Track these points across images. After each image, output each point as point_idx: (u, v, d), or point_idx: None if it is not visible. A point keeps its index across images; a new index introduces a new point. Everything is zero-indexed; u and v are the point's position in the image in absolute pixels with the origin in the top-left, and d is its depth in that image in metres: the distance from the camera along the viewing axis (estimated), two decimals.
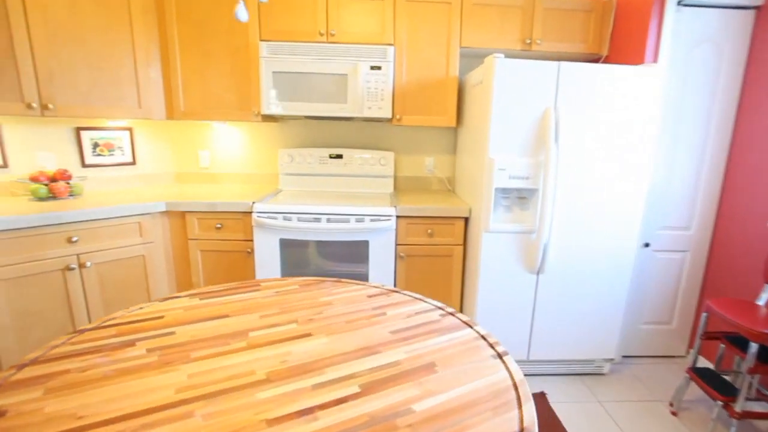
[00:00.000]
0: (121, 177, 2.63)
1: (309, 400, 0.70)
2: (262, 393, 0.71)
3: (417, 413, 0.67)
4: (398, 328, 0.97)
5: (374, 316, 1.01)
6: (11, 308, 1.89)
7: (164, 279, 2.33)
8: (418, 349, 0.88)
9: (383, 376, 0.78)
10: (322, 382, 0.75)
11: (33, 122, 2.33)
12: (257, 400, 0.69)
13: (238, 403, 0.68)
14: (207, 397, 0.68)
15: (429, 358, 0.84)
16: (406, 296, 1.15)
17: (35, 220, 1.87)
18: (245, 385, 0.73)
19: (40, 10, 2.01)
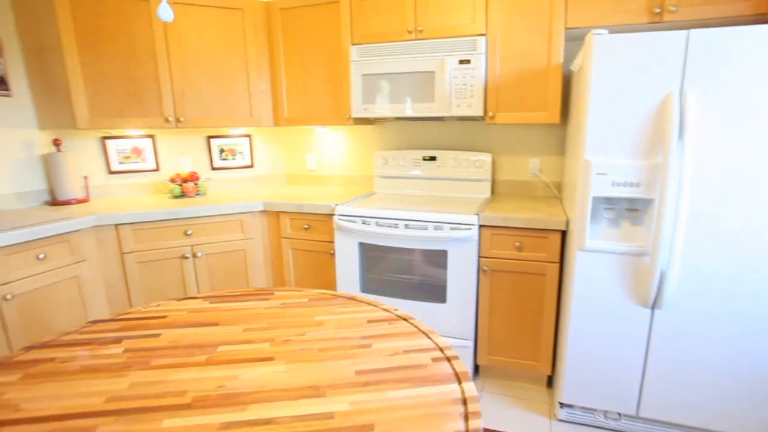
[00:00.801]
0: (240, 178, 2.98)
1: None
2: (170, 420, 0.67)
3: None
4: (370, 367, 0.83)
5: (355, 348, 0.89)
6: (143, 286, 2.30)
7: (262, 272, 2.56)
8: (370, 401, 0.73)
9: (302, 429, 0.66)
10: (234, 422, 0.68)
11: (176, 133, 2.80)
12: (160, 427, 0.66)
13: (140, 427, 0.66)
14: (122, 413, 0.68)
15: (372, 418, 0.69)
16: (410, 327, 0.99)
17: (161, 215, 2.24)
18: (166, 407, 0.70)
19: (176, 40, 2.39)
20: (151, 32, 2.35)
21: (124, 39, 2.31)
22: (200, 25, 2.44)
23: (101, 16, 2.26)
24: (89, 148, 2.62)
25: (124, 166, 2.71)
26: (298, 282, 2.52)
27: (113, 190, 2.69)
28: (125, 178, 2.72)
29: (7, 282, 1.82)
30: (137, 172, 2.74)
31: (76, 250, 2.08)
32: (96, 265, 2.19)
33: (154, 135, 2.75)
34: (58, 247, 2.01)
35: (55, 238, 1.99)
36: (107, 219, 2.15)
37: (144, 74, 2.37)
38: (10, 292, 1.83)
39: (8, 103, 2.33)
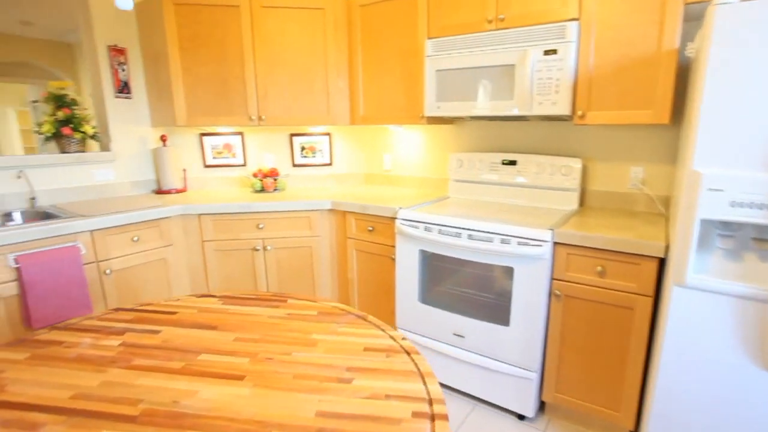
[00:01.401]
0: (319, 176, 3.04)
1: None
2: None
3: None
4: (335, 410, 0.71)
5: (333, 381, 0.78)
6: (219, 272, 2.47)
7: (327, 270, 2.57)
8: None
9: None
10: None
11: (262, 130, 2.96)
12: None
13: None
14: (74, 414, 0.68)
15: None
16: (409, 365, 0.84)
17: (235, 208, 2.37)
18: (114, 415, 0.68)
19: (262, 42, 2.50)
20: (239, 36, 2.49)
21: (217, 43, 2.49)
22: (284, 26, 2.52)
23: (198, 24, 2.46)
24: (189, 144, 2.90)
25: (217, 161, 2.95)
26: (360, 285, 2.48)
27: (207, 182, 2.95)
28: (217, 171, 2.96)
29: (107, 259, 2.08)
30: (227, 167, 2.96)
31: (165, 235, 2.31)
32: (181, 249, 2.40)
33: (243, 132, 2.94)
34: (149, 231, 2.24)
35: (148, 223, 2.22)
36: (191, 209, 2.35)
37: (232, 75, 2.53)
38: (109, 267, 2.09)
39: (129, 104, 2.68)
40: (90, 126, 2.51)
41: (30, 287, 1.80)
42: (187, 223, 2.40)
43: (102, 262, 2.07)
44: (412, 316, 2.21)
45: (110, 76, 2.58)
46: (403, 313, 2.24)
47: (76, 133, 2.44)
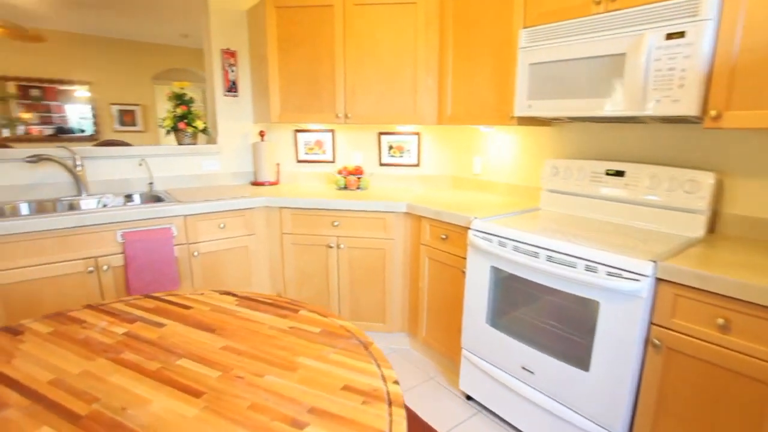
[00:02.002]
0: (405, 176, 2.94)
1: None
2: (49, 429, 0.63)
3: None
4: None
5: (286, 423, 0.66)
6: (294, 265, 2.54)
7: (399, 275, 2.46)
8: None
9: None
10: None
11: (351, 128, 2.97)
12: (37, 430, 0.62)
13: (29, 422, 0.64)
14: (41, 401, 0.68)
15: None
16: (381, 422, 0.68)
17: (312, 204, 2.41)
18: (67, 411, 0.67)
19: (353, 40, 2.50)
20: (332, 35, 2.51)
21: (310, 43, 2.56)
22: (374, 24, 2.47)
23: (295, 25, 2.55)
24: (285, 139, 3.05)
25: (308, 156, 3.05)
26: (430, 295, 2.32)
27: (298, 176, 3.07)
28: (308, 167, 3.06)
29: (196, 242, 2.28)
30: (317, 162, 3.04)
31: (248, 224, 2.45)
32: (262, 239, 2.53)
33: (334, 130, 2.98)
34: (235, 220, 2.40)
35: (234, 212, 2.38)
36: (273, 202, 2.45)
37: (323, 74, 2.58)
38: (197, 250, 2.29)
39: (235, 102, 2.92)
40: (201, 121, 2.79)
41: (130, 260, 2.05)
42: (270, 214, 2.51)
43: (191, 245, 2.27)
44: (478, 338, 1.98)
45: (221, 76, 2.83)
46: (469, 333, 2.02)
47: (189, 127, 2.73)
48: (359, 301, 2.53)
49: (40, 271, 1.89)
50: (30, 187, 2.29)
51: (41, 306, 1.91)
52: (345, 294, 2.53)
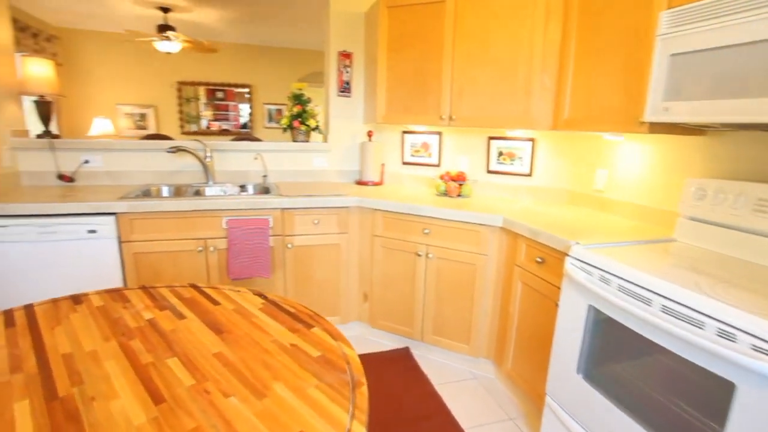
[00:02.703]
0: (514, 186, 2.64)
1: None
2: (20, 405, 0.66)
3: None
4: None
5: None
6: (382, 269, 2.49)
7: (489, 294, 2.22)
8: None
9: None
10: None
11: (460, 131, 2.78)
12: (10, 406, 0.66)
13: (8, 393, 0.68)
14: (41, 371, 0.73)
15: None
16: None
17: (404, 209, 2.32)
18: (51, 388, 0.70)
19: (462, 37, 2.33)
20: (441, 33, 2.38)
21: (419, 42, 2.46)
22: (487, 17, 2.25)
23: (405, 24, 2.48)
24: (392, 140, 3.02)
25: (413, 159, 2.97)
26: (520, 322, 2.03)
27: (402, 178, 3.01)
28: (412, 169, 2.98)
29: (291, 234, 2.41)
30: (422, 166, 2.94)
31: (342, 223, 2.49)
32: (354, 239, 2.54)
33: (442, 132, 2.83)
34: (329, 217, 2.46)
35: (329, 210, 2.44)
36: (367, 203, 2.43)
37: (429, 74, 2.46)
38: (291, 242, 2.41)
39: (348, 102, 3.00)
40: (314, 120, 2.93)
41: (231, 245, 2.25)
42: (363, 215, 2.50)
43: (286, 237, 2.40)
44: (565, 388, 1.65)
45: (336, 77, 2.93)
46: (556, 379, 1.69)
47: (303, 125, 2.89)
48: (443, 317, 2.36)
49: (164, 245, 2.20)
50: (172, 173, 2.71)
51: (161, 276, 2.23)
52: (429, 306, 2.38)
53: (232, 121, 7.18)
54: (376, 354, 2.48)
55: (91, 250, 2.08)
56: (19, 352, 0.85)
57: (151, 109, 6.32)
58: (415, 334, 2.47)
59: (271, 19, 5.03)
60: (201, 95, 6.75)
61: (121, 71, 6.01)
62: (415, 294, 2.42)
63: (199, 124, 6.80)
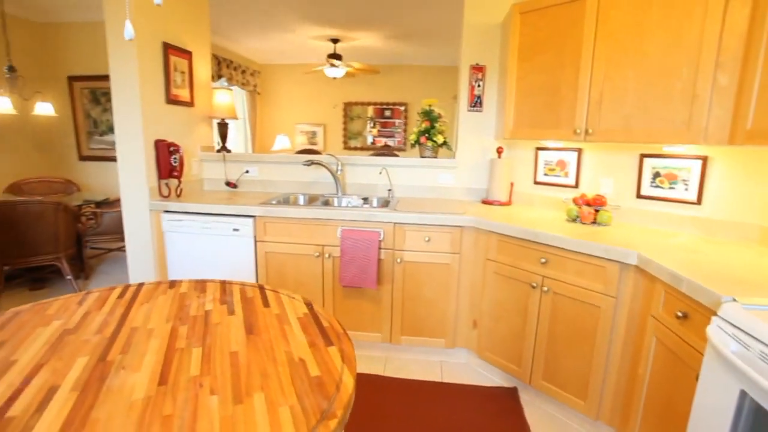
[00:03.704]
0: (672, 216, 2.11)
1: None
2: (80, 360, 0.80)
3: None
4: None
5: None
6: (494, 297, 2.29)
7: (614, 346, 1.82)
8: None
9: None
10: None
11: (604, 148, 2.37)
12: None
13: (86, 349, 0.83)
14: (112, 338, 0.88)
15: None
16: None
17: (519, 233, 2.10)
18: (105, 353, 0.83)
19: (605, 37, 2.00)
20: (580, 35, 2.09)
21: (553, 47, 2.21)
22: (637, 10, 1.88)
23: (539, 30, 2.26)
24: (524, 158, 2.77)
25: (547, 178, 2.66)
26: (651, 389, 1.59)
27: (533, 199, 2.72)
28: (545, 189, 2.67)
29: (401, 249, 2.42)
30: (556, 186, 2.61)
31: (455, 243, 2.39)
32: (466, 261, 2.41)
33: (582, 149, 2.47)
34: (442, 235, 2.39)
35: (442, 228, 2.37)
36: (482, 224, 2.28)
37: (564, 83, 2.18)
38: (401, 257, 2.43)
39: (478, 117, 2.89)
40: (441, 136, 2.90)
41: (342, 253, 2.39)
42: (479, 236, 2.35)
43: (396, 251, 2.42)
44: None
45: (467, 91, 2.85)
46: None
47: (429, 141, 2.89)
48: (556, 361, 2.02)
49: (288, 247, 2.47)
50: (309, 184, 3.03)
51: (284, 275, 2.51)
52: (541, 346, 2.08)
53: (397, 138, 7.63)
54: (479, 388, 2.28)
55: (234, 245, 2.48)
56: (110, 319, 1.07)
57: (321, 127, 7.24)
58: (523, 375, 2.18)
59: (421, 37, 5.22)
60: (369, 114, 7.37)
61: (298, 95, 7.12)
62: (525, 330, 2.14)
63: (362, 140, 7.43)
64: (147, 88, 2.51)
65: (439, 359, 2.57)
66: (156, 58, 2.57)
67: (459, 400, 2.16)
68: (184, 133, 2.87)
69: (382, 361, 2.54)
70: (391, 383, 2.30)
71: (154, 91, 2.57)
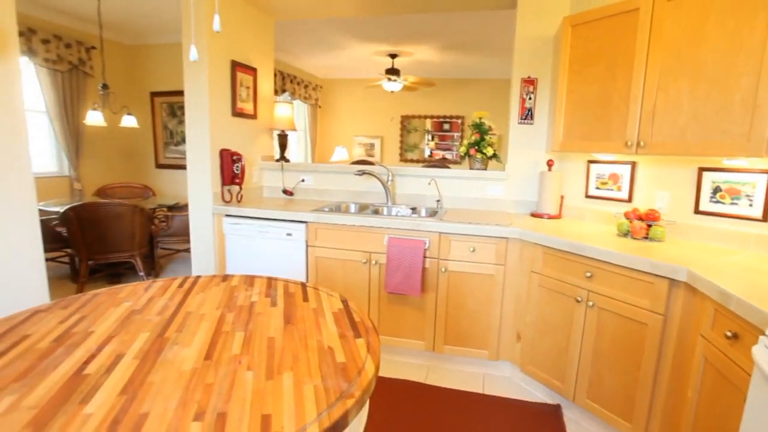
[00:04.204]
0: (735, 234, 1.98)
1: None
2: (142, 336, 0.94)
3: None
4: None
5: (199, 408, 0.69)
6: (538, 310, 2.27)
7: (661, 364, 1.74)
8: None
9: None
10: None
11: (659, 161, 2.28)
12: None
13: (148, 326, 0.98)
14: (171, 319, 1.00)
15: None
16: None
17: (564, 245, 2.07)
18: (163, 330, 0.96)
19: (659, 45, 1.95)
20: (632, 45, 2.04)
21: (604, 59, 2.17)
22: (693, 19, 1.82)
23: (590, 41, 2.24)
24: (575, 170, 2.71)
25: (599, 192, 2.58)
26: (699, 414, 1.51)
27: (584, 213, 2.65)
28: (596, 204, 2.59)
29: (446, 258, 2.47)
30: (609, 200, 2.52)
31: (500, 254, 2.39)
32: (511, 272, 2.40)
33: (636, 162, 2.38)
34: (487, 246, 2.40)
35: (487, 239, 2.39)
36: (527, 236, 2.27)
37: (615, 94, 2.14)
38: (446, 267, 2.47)
39: (529, 130, 2.87)
40: (491, 149, 2.92)
41: (388, 260, 2.47)
42: (524, 248, 2.34)
43: (441, 260, 2.46)
44: None
45: (518, 104, 2.85)
46: None
47: (478, 153, 2.92)
48: (602, 380, 1.96)
49: (337, 253, 2.60)
50: (361, 193, 3.16)
51: (332, 279, 2.63)
52: (585, 363, 2.02)
53: (454, 151, 7.62)
54: (521, 403, 2.24)
55: (287, 248, 2.65)
56: (170, 303, 1.23)
57: (378, 139, 7.44)
58: (567, 392, 2.12)
59: (476, 48, 5.24)
60: (427, 126, 7.44)
61: (357, 108, 7.39)
62: (570, 345, 2.09)
63: (419, 152, 7.50)
64: (215, 102, 2.78)
65: (483, 371, 2.56)
66: (224, 74, 2.85)
67: (500, 414, 2.14)
68: (246, 143, 3.13)
69: (425, 369, 2.58)
70: (432, 392, 2.33)
71: (221, 105, 2.84)
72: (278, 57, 5.60)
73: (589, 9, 2.24)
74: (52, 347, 0.95)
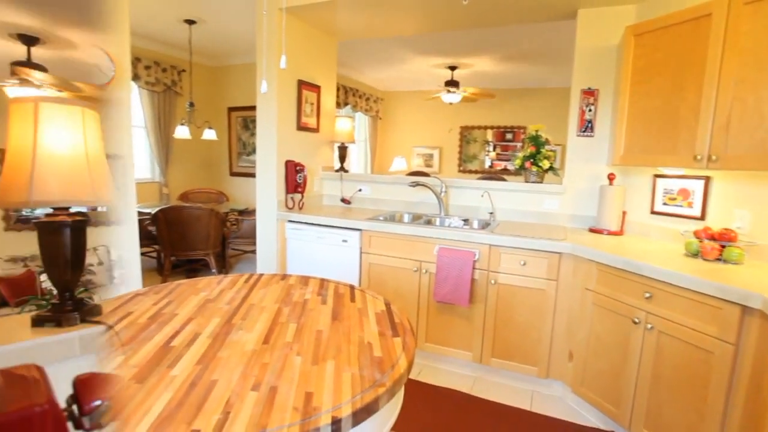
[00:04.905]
0: None
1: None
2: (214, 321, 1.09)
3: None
4: None
5: (255, 382, 0.80)
6: (591, 329, 2.19)
7: (732, 399, 1.61)
8: None
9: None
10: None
11: (738, 177, 2.11)
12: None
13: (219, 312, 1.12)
14: (238, 308, 1.14)
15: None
16: None
17: (620, 263, 2.00)
18: (231, 317, 1.10)
19: (734, 53, 1.83)
20: (703, 52, 1.95)
21: (670, 68, 2.08)
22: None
23: (656, 51, 2.15)
24: (640, 185, 2.59)
25: (666, 208, 2.44)
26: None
27: (649, 230, 2.52)
28: (663, 220, 2.45)
29: (496, 271, 2.46)
30: (677, 217, 2.38)
31: (552, 269, 2.35)
32: (564, 288, 2.34)
33: (710, 177, 2.23)
34: (538, 260, 2.37)
35: (539, 253, 2.36)
36: (581, 251, 2.22)
37: (684, 106, 2.04)
38: (495, 279, 2.47)
39: (589, 142, 2.79)
40: (547, 162, 2.87)
41: (438, 270, 2.52)
42: (578, 264, 2.28)
43: (491, 272, 2.46)
44: None
45: (577, 116, 2.79)
46: None
47: (534, 166, 2.88)
48: (661, 409, 1.84)
49: (389, 260, 2.69)
50: (415, 204, 3.24)
51: (384, 285, 2.72)
52: (643, 389, 1.91)
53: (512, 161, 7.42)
54: (571, 425, 2.16)
55: (342, 254, 2.79)
56: (237, 296, 1.39)
57: (437, 150, 7.49)
58: (622, 419, 2.01)
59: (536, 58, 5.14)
60: (488, 137, 7.35)
61: (416, 120, 7.51)
62: (626, 368, 1.99)
63: (478, 163, 7.40)
64: (282, 117, 3.01)
65: (531, 388, 2.50)
66: (291, 93, 3.08)
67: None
68: (309, 154, 3.34)
69: (471, 380, 2.57)
70: (476, 403, 2.32)
71: (287, 120, 3.07)
72: (341, 72, 5.88)
73: (654, 18, 2.16)
74: (148, 323, 1.16)
